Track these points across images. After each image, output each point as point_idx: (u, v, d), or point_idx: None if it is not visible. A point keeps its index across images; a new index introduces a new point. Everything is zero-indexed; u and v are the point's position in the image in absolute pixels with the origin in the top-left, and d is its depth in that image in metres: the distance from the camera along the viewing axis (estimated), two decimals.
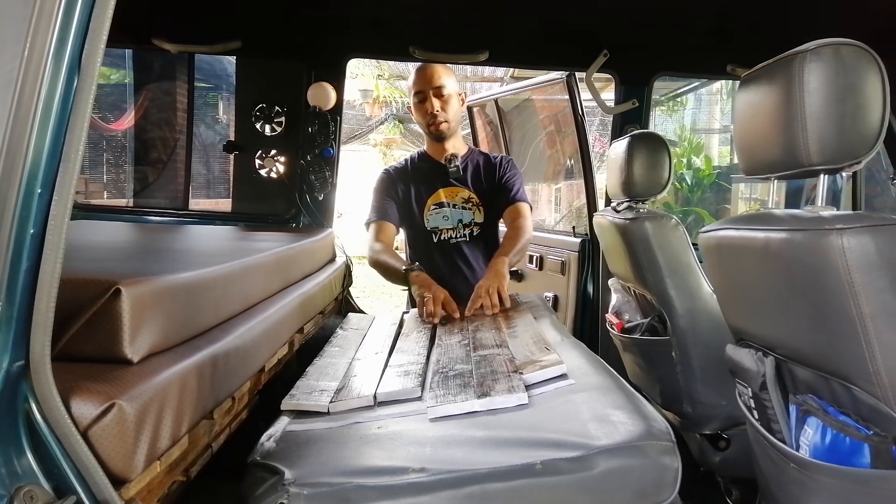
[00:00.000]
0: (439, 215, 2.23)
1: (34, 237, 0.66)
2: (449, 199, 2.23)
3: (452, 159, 2.21)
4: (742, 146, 1.14)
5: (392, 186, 2.25)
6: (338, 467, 0.91)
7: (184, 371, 0.90)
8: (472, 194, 2.23)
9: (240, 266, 1.29)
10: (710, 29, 2.28)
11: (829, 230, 0.86)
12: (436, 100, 2.17)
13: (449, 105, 2.19)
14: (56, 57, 0.66)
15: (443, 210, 2.23)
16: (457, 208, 2.23)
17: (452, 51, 2.45)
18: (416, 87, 2.20)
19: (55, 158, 0.67)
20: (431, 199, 2.24)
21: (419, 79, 2.20)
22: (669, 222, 1.72)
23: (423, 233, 2.24)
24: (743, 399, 1.21)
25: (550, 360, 1.26)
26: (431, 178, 2.24)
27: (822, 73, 0.93)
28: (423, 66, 2.23)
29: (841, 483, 0.91)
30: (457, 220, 2.23)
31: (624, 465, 0.88)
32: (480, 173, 2.26)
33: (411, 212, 2.25)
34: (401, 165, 2.33)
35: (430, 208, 2.24)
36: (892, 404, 0.84)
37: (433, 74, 2.18)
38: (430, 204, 2.24)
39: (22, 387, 0.67)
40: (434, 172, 2.24)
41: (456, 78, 2.26)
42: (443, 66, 2.23)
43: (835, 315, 0.88)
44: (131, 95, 4.16)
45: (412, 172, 2.28)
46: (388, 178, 2.27)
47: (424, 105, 2.18)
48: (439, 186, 2.23)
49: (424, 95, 2.17)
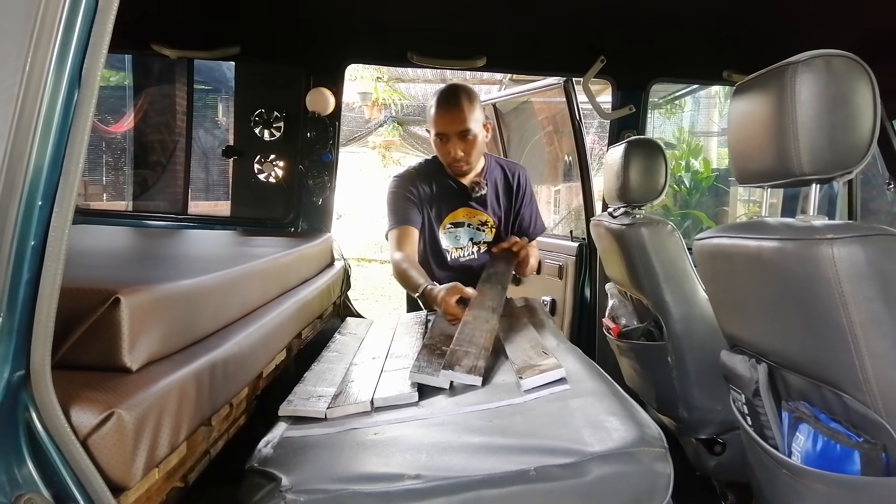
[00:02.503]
0: (453, 234, 2.16)
1: (35, 249, 0.67)
2: (467, 219, 2.17)
3: (477, 188, 2.11)
4: (735, 155, 1.15)
5: (414, 193, 2.11)
6: (334, 474, 0.92)
7: (182, 379, 0.91)
8: (489, 218, 2.18)
9: (238, 273, 1.30)
10: (706, 35, 2.29)
11: (819, 240, 0.87)
12: (459, 143, 2.02)
13: (473, 147, 2.05)
14: (57, 71, 0.67)
15: (458, 230, 2.16)
16: (471, 228, 2.17)
17: (450, 56, 2.47)
18: (439, 129, 2.04)
19: (56, 171, 0.68)
20: (449, 218, 2.16)
21: (442, 120, 2.02)
22: (665, 228, 1.74)
23: (435, 248, 2.16)
24: (737, 405, 1.22)
25: (549, 364, 1.28)
26: (452, 198, 2.15)
27: (813, 83, 0.94)
28: (447, 106, 2.02)
29: (831, 489, 0.92)
30: (468, 239, 2.17)
31: (617, 472, 0.89)
32: (499, 195, 2.19)
33: (429, 225, 2.15)
34: (422, 173, 2.17)
35: (446, 226, 2.16)
36: (881, 412, 0.85)
37: (457, 118, 2.00)
38: (447, 222, 2.16)
39: (22, 396, 0.68)
40: (456, 193, 2.15)
41: (481, 105, 2.09)
42: (468, 102, 2.02)
43: (825, 323, 0.89)
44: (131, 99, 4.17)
45: (436, 188, 2.14)
46: (410, 184, 2.12)
47: (447, 146, 2.04)
48: (459, 206, 2.15)
49: (448, 138, 2.03)
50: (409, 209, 2.08)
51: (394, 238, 2.04)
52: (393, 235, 2.05)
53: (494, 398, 1.20)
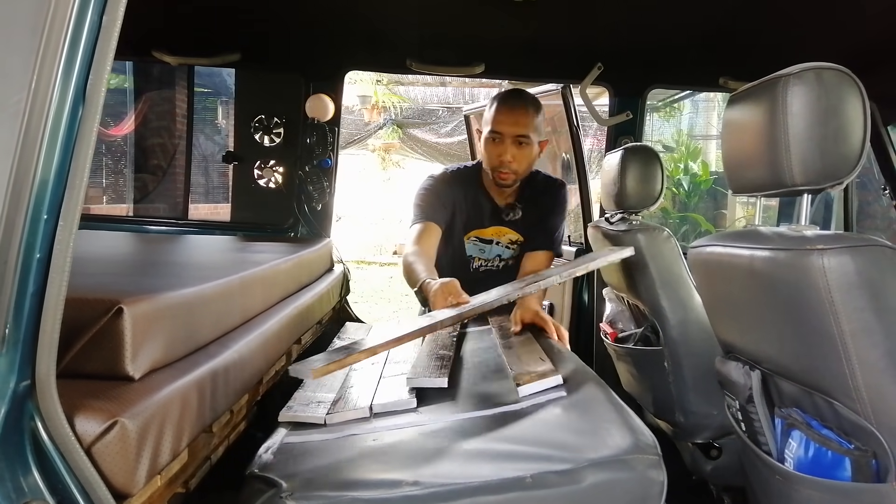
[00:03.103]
0: (478, 247, 2.09)
1: (40, 261, 0.68)
2: (496, 237, 2.08)
3: (511, 213, 2.01)
4: (729, 165, 1.17)
5: (447, 194, 1.99)
6: (334, 480, 0.94)
7: (184, 387, 0.92)
8: (519, 237, 2.08)
9: (239, 280, 1.31)
10: (702, 42, 2.31)
11: (810, 250, 0.88)
12: (513, 147, 1.89)
13: (526, 157, 1.92)
14: (62, 87, 0.68)
15: (486, 245, 2.08)
16: (500, 245, 2.09)
17: (449, 63, 2.49)
18: (495, 126, 1.90)
19: (61, 185, 0.69)
20: (477, 232, 2.07)
21: (502, 118, 1.89)
22: (661, 234, 1.75)
23: (459, 255, 2.08)
24: (731, 411, 1.23)
25: (546, 371, 1.29)
26: (484, 215, 2.06)
27: (804, 96, 0.96)
28: (511, 105, 1.90)
29: (822, 495, 0.93)
30: (495, 255, 2.10)
31: (611, 479, 0.91)
32: (534, 215, 2.06)
33: (455, 233, 2.05)
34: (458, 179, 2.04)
35: (471, 238, 2.08)
36: (871, 420, 0.87)
37: (519, 120, 1.87)
38: (473, 235, 2.08)
39: (28, 406, 0.69)
40: (488, 211, 2.05)
41: (545, 119, 1.95)
42: (534, 109, 1.91)
43: (816, 333, 0.91)
44: (131, 103, 4.20)
45: (469, 199, 2.03)
46: (445, 185, 2.00)
47: (498, 147, 1.90)
48: (490, 224, 2.06)
49: (502, 139, 1.89)
50: (437, 207, 1.95)
51: (414, 233, 1.90)
52: (414, 230, 1.91)
53: (492, 405, 1.21)
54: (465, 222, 2.04)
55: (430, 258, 1.81)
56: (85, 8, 0.67)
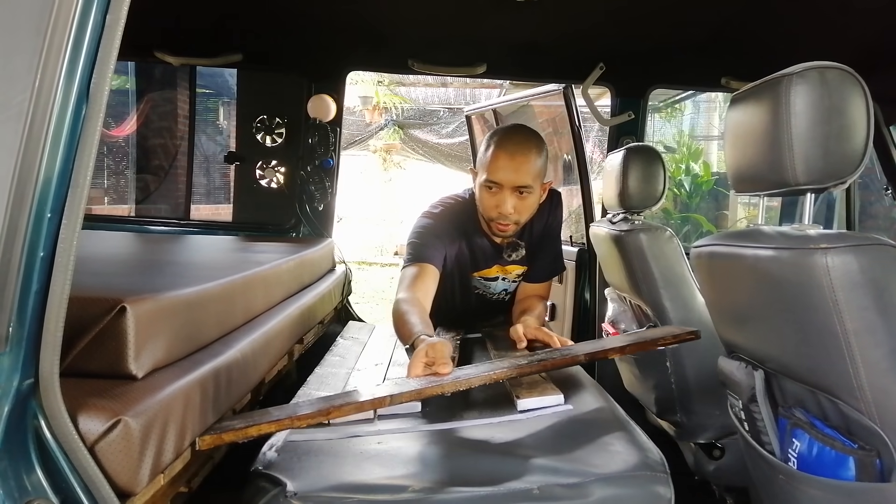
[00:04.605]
0: (482, 283, 1.97)
1: (44, 260, 0.68)
2: (500, 274, 1.95)
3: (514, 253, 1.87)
4: (732, 164, 1.17)
5: (447, 235, 1.79)
6: (339, 482, 0.93)
7: (187, 386, 0.93)
8: (525, 269, 1.96)
9: (241, 280, 1.31)
10: (704, 42, 2.31)
11: (813, 249, 0.88)
12: (512, 198, 1.68)
13: (529, 207, 1.73)
14: (65, 87, 0.68)
15: (491, 282, 1.97)
16: (506, 281, 1.97)
17: (451, 64, 2.49)
18: (493, 176, 1.67)
19: (64, 184, 0.70)
20: (483, 273, 1.93)
21: (500, 167, 1.67)
22: (664, 234, 1.75)
23: (464, 288, 1.96)
24: (734, 411, 1.23)
25: (547, 388, 1.29)
26: (485, 258, 1.91)
27: (807, 95, 0.96)
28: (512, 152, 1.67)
29: (826, 495, 0.93)
30: (501, 290, 1.99)
31: (619, 494, 0.91)
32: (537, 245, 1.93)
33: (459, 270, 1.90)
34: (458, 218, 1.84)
35: (475, 277, 1.95)
36: (875, 419, 0.87)
37: (521, 169, 1.66)
38: (479, 276, 1.94)
39: (31, 404, 0.69)
40: (489, 254, 1.90)
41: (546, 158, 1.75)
42: (537, 153, 1.70)
43: (820, 332, 0.90)
44: (133, 103, 4.20)
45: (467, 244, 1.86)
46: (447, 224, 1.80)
47: (495, 198, 1.69)
48: (493, 264, 1.92)
49: (500, 189, 1.68)
50: (435, 247, 1.74)
51: (408, 275, 1.67)
52: (407, 272, 1.68)
53: (498, 413, 1.21)
54: (467, 264, 1.90)
55: (424, 309, 1.56)
56: (88, 8, 0.67)
